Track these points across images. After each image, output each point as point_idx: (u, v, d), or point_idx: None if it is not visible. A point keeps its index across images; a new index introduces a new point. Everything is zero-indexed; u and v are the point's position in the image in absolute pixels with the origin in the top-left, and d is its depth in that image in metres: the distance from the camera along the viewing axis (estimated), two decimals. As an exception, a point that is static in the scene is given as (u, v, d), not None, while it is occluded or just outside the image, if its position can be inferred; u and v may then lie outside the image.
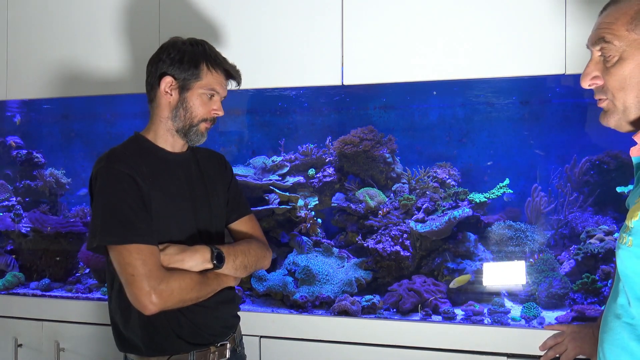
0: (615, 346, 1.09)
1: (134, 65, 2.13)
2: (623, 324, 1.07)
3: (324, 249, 2.29)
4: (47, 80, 2.24)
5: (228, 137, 2.81)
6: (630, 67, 1.00)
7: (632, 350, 1.04)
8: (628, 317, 1.06)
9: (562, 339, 1.62)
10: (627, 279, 1.05)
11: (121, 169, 1.35)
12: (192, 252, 1.37)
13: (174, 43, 1.46)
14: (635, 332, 1.04)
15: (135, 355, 1.42)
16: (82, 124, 3.07)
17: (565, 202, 2.24)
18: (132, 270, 1.28)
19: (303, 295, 2.05)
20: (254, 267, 1.52)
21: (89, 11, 2.19)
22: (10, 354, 2.18)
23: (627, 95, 1.02)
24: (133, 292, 1.28)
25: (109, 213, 1.32)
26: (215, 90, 1.45)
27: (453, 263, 2.09)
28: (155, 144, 1.47)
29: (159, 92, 1.45)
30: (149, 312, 1.29)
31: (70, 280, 2.42)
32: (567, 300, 1.97)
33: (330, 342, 1.89)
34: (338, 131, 2.55)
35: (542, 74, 1.77)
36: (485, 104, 2.54)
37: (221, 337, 1.49)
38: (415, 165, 2.41)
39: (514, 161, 2.48)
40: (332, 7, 1.94)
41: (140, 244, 1.30)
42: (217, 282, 1.43)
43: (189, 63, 1.42)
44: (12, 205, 2.74)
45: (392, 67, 1.89)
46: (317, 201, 2.43)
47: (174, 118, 1.45)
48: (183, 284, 1.33)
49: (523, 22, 1.77)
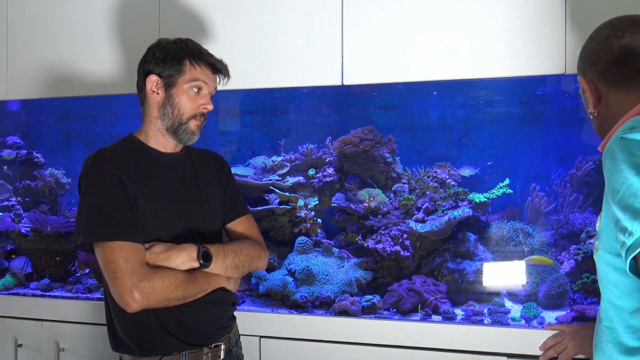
0: (597, 349, 1.13)
1: (134, 66, 2.11)
2: (603, 328, 1.11)
3: (324, 249, 2.29)
4: (47, 80, 2.24)
5: (228, 137, 2.81)
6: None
7: (608, 353, 1.07)
8: (607, 321, 1.10)
9: (562, 338, 1.63)
10: (600, 283, 1.10)
11: (107, 169, 1.35)
12: (179, 250, 1.37)
13: (159, 43, 1.47)
14: (612, 334, 1.07)
15: (129, 355, 1.41)
16: (82, 124, 3.07)
17: (565, 202, 2.24)
18: (114, 267, 1.28)
19: (303, 295, 2.05)
20: (247, 267, 1.50)
21: (89, 11, 2.19)
22: (10, 354, 2.18)
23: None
24: (115, 289, 1.28)
25: (93, 211, 1.32)
26: (200, 81, 1.44)
27: (453, 263, 2.09)
28: (147, 145, 1.47)
29: (146, 92, 1.46)
30: (131, 309, 1.28)
31: (70, 280, 2.41)
32: (567, 300, 1.97)
33: (330, 342, 1.89)
34: (338, 131, 2.54)
35: (542, 73, 1.78)
36: (485, 104, 2.53)
37: (215, 338, 1.47)
38: (415, 165, 2.41)
39: (514, 161, 2.48)
40: (332, 7, 1.94)
41: (123, 242, 1.30)
42: (207, 282, 1.41)
43: (172, 60, 1.42)
44: (12, 205, 2.74)
45: (392, 67, 1.89)
46: (317, 201, 2.43)
47: (162, 117, 1.45)
48: (167, 282, 1.32)
49: (523, 22, 1.77)
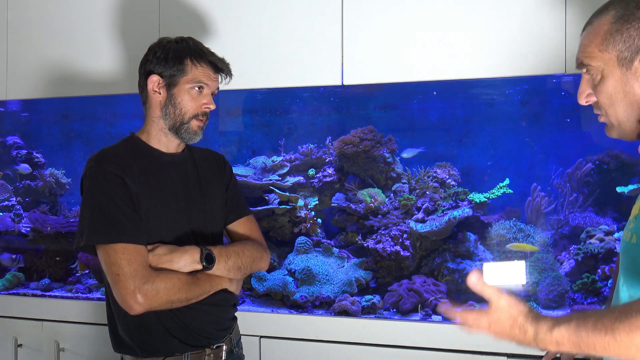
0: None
1: (134, 65, 2.12)
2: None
3: (324, 249, 2.29)
4: (47, 80, 2.24)
5: (228, 137, 2.81)
6: (612, 83, 1.03)
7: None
8: None
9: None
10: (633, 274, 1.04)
11: (110, 169, 1.34)
12: (182, 252, 1.36)
13: (160, 42, 1.46)
14: None
15: (131, 356, 1.41)
16: (82, 124, 3.07)
17: (565, 202, 2.24)
18: (117, 269, 1.27)
19: (303, 295, 2.05)
20: (249, 269, 1.50)
21: (90, 11, 2.19)
22: (10, 354, 2.18)
23: (617, 110, 1.05)
24: (118, 291, 1.28)
25: (96, 213, 1.32)
26: (202, 82, 1.43)
27: (453, 263, 2.09)
28: (149, 145, 1.46)
29: (148, 92, 1.45)
30: (134, 312, 1.28)
31: (70, 280, 2.41)
32: (567, 300, 1.97)
33: (330, 342, 1.89)
34: (338, 131, 2.54)
35: (542, 73, 1.77)
36: (485, 104, 2.53)
37: (216, 339, 1.47)
38: (415, 165, 2.41)
39: (514, 161, 2.48)
40: (332, 7, 1.94)
41: (126, 244, 1.29)
42: (210, 284, 1.41)
43: (174, 59, 1.41)
44: (12, 205, 2.74)
45: (392, 67, 1.89)
46: (317, 201, 2.43)
47: (164, 116, 1.44)
48: (170, 284, 1.31)
49: (523, 22, 1.77)
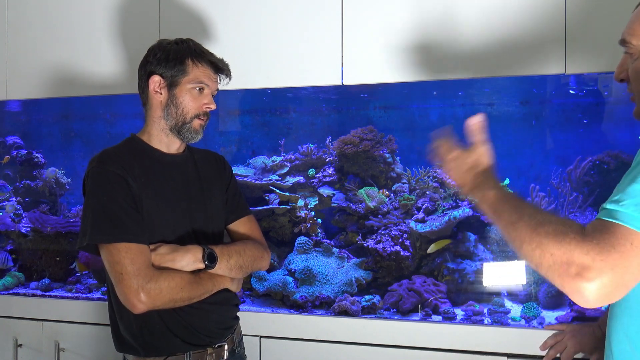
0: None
1: (134, 66, 2.12)
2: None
3: (324, 249, 2.29)
4: (47, 81, 2.24)
5: (228, 137, 2.81)
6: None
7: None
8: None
9: (562, 337, 1.63)
10: None
11: (112, 170, 1.35)
12: (184, 251, 1.37)
13: (160, 44, 1.47)
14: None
15: (133, 355, 1.42)
16: (82, 124, 3.07)
17: (565, 202, 2.24)
18: (120, 268, 1.28)
19: (303, 295, 2.05)
20: (250, 268, 1.51)
21: (90, 12, 2.19)
22: (10, 354, 2.18)
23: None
24: (121, 290, 1.29)
25: (99, 212, 1.33)
26: (203, 82, 1.45)
27: (453, 263, 2.09)
28: (150, 145, 1.47)
29: (149, 93, 1.46)
30: (137, 310, 1.29)
31: (70, 280, 2.41)
32: (567, 300, 1.96)
33: (330, 342, 1.89)
34: (338, 131, 2.54)
35: (542, 73, 1.77)
36: (485, 103, 2.53)
37: (218, 338, 1.48)
38: (415, 165, 2.41)
39: (514, 161, 2.48)
40: (332, 7, 1.94)
41: (129, 243, 1.30)
42: (212, 283, 1.42)
43: (175, 60, 1.43)
44: (9, 205, 2.74)
45: (392, 67, 1.89)
46: (317, 201, 2.43)
47: (166, 117, 1.45)
48: (172, 283, 1.32)
49: (523, 22, 1.77)
